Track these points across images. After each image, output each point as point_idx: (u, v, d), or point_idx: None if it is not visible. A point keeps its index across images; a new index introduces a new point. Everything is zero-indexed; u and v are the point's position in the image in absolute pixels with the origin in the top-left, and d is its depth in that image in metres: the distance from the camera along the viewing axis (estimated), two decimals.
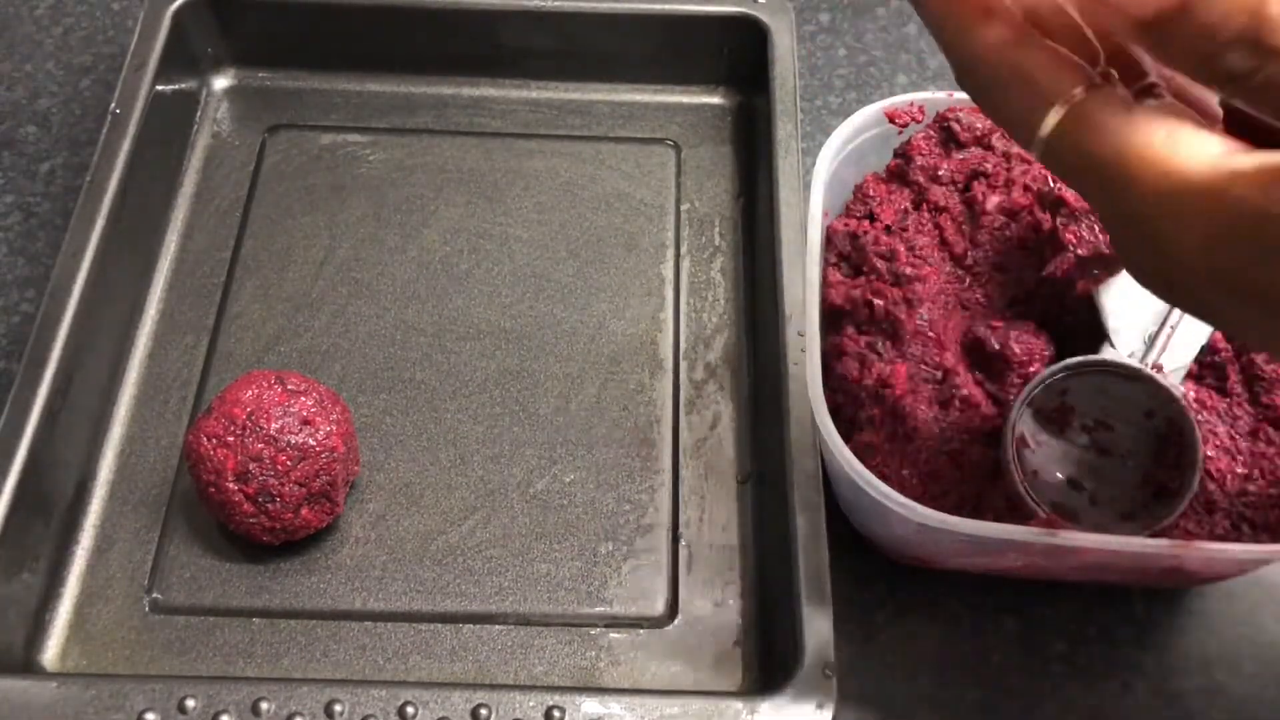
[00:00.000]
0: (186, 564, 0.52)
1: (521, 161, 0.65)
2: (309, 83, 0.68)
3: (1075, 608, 0.52)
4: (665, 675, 0.49)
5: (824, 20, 0.73)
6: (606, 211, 0.64)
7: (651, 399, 0.57)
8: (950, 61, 0.30)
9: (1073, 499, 0.48)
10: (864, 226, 0.54)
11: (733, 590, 0.52)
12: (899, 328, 0.51)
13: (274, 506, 0.49)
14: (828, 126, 0.63)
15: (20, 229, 0.63)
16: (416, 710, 0.44)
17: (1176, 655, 0.51)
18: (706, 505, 0.54)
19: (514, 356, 0.58)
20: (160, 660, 0.49)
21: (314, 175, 0.64)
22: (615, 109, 0.68)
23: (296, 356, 0.58)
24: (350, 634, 0.50)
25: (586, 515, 0.54)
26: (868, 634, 0.51)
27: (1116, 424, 0.48)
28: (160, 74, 0.61)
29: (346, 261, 0.61)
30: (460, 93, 0.68)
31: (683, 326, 0.59)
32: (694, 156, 0.66)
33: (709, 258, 0.62)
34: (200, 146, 0.65)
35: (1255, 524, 0.48)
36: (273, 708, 0.44)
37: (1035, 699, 0.50)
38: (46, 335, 0.52)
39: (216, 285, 0.60)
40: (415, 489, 0.54)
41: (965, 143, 0.54)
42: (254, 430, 0.49)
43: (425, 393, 0.57)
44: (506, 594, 0.51)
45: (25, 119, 0.67)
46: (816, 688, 0.44)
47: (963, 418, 0.50)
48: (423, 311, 0.60)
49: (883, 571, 0.52)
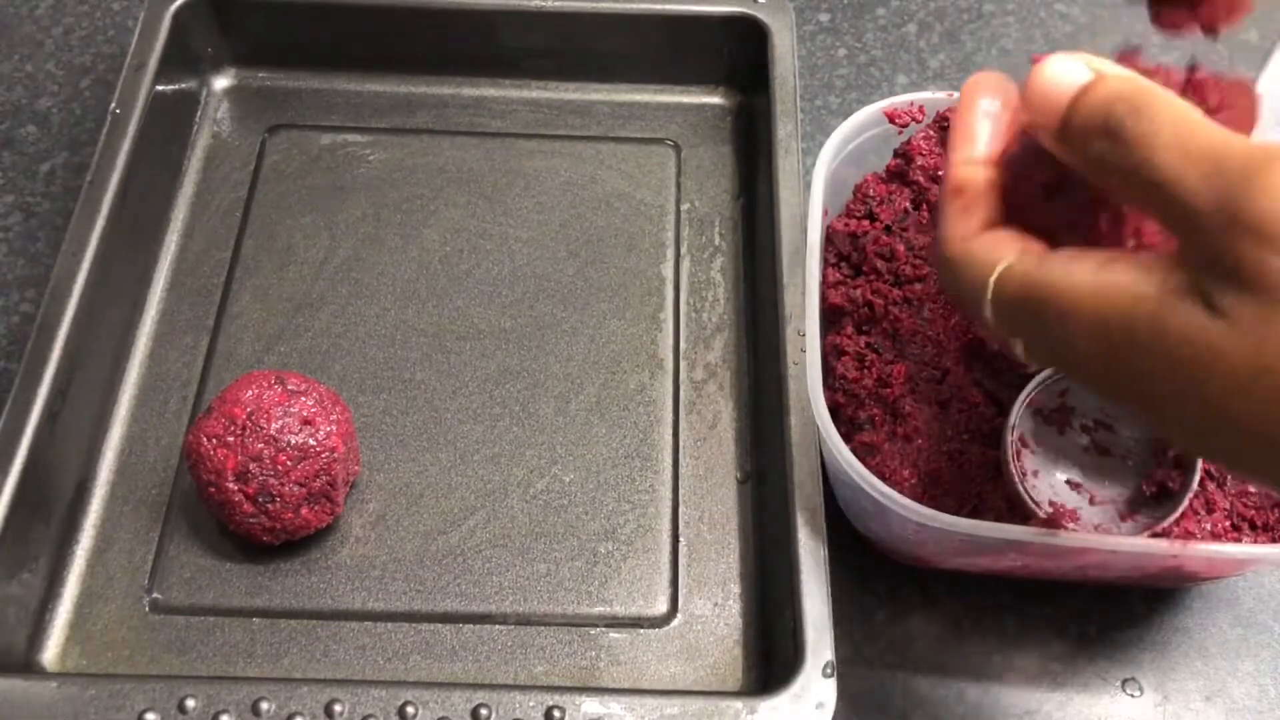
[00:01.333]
0: (186, 564, 0.52)
1: (521, 161, 0.65)
2: (309, 83, 0.68)
3: (1075, 608, 0.52)
4: (665, 675, 0.49)
5: (824, 20, 0.73)
6: (606, 211, 0.64)
7: (651, 399, 0.57)
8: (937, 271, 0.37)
9: (1073, 499, 0.48)
10: (864, 226, 0.54)
11: (733, 590, 0.52)
12: (899, 328, 0.51)
13: (274, 506, 0.49)
14: (828, 126, 0.63)
15: (20, 229, 0.63)
16: (416, 710, 0.44)
17: (1176, 655, 0.51)
18: (706, 505, 0.54)
19: (514, 356, 0.58)
20: (160, 660, 0.49)
21: (314, 175, 0.64)
22: (615, 109, 0.68)
23: (296, 356, 0.58)
24: (350, 634, 0.50)
25: (586, 515, 0.54)
26: (868, 634, 0.51)
27: (1116, 424, 0.48)
28: (160, 74, 0.61)
29: (346, 261, 0.61)
30: (460, 93, 0.68)
31: (682, 326, 0.59)
32: (694, 156, 0.66)
33: (709, 258, 0.62)
34: (200, 146, 0.65)
35: (1255, 524, 0.48)
36: (273, 708, 0.44)
37: (1035, 699, 0.50)
38: (46, 335, 0.52)
39: (216, 285, 0.60)
40: (415, 489, 0.54)
41: None
42: (254, 430, 0.49)
43: (425, 393, 0.57)
44: (506, 594, 0.51)
45: (25, 119, 0.67)
46: (816, 688, 0.44)
47: (963, 418, 0.50)
48: (423, 311, 0.60)
49: (883, 571, 0.52)
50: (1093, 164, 0.30)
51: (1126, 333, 0.29)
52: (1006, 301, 0.32)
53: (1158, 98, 0.29)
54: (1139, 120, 0.28)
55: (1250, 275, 0.26)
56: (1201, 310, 0.27)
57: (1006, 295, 0.32)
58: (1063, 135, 0.30)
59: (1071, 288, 0.30)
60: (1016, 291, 0.31)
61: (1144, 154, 0.28)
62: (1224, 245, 0.27)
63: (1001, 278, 0.32)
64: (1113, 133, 0.28)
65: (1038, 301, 0.31)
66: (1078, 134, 0.30)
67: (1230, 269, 0.27)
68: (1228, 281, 0.27)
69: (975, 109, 0.34)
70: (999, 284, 0.32)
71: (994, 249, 0.32)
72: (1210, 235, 0.27)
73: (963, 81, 0.35)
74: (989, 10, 0.74)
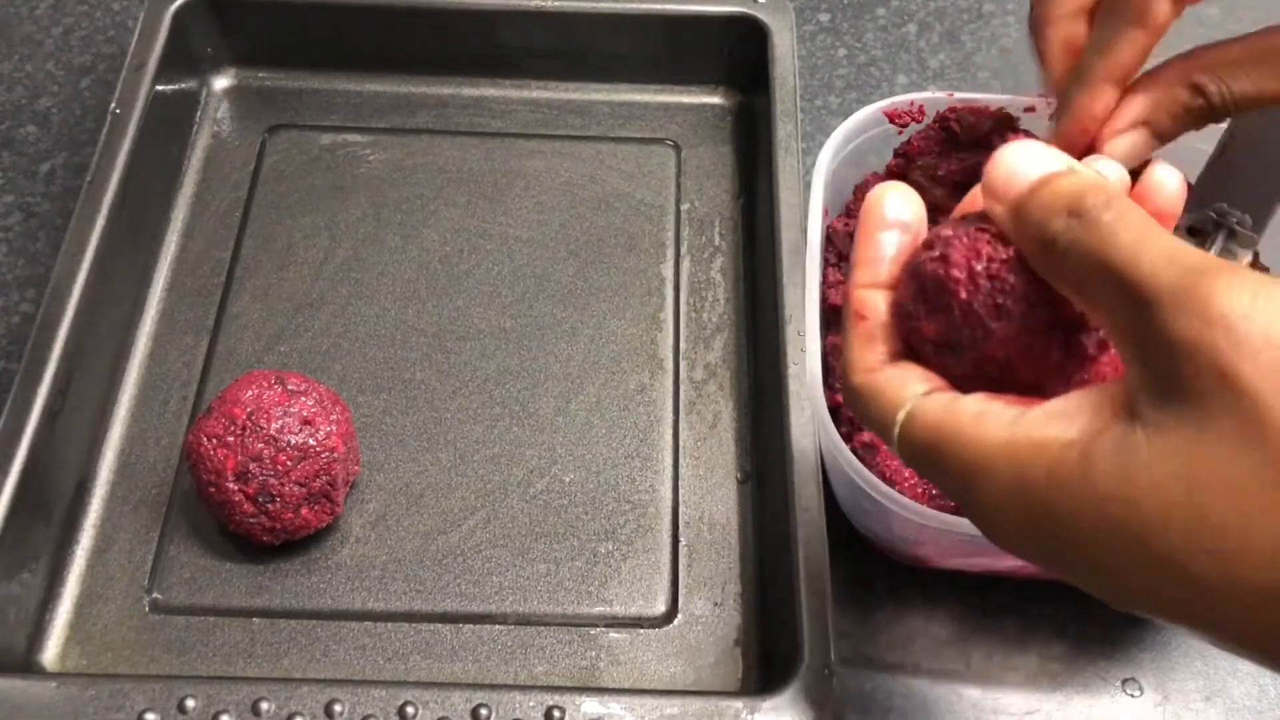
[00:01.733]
0: (186, 564, 0.52)
1: (521, 161, 0.65)
2: (309, 83, 0.68)
3: (1075, 608, 0.52)
4: (665, 675, 0.49)
5: (824, 20, 0.73)
6: (606, 211, 0.64)
7: (651, 399, 0.57)
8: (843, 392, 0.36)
9: None
10: None
11: (733, 590, 0.52)
12: None
13: (274, 506, 0.49)
14: (828, 126, 0.63)
15: (20, 229, 0.63)
16: (416, 710, 0.44)
17: (1176, 655, 0.51)
18: (706, 505, 0.54)
19: (514, 356, 0.58)
20: (160, 660, 0.49)
21: (314, 175, 0.64)
22: (615, 109, 0.68)
23: (296, 356, 0.58)
24: (350, 634, 0.50)
25: (586, 515, 0.54)
26: (868, 634, 0.51)
27: None
28: (160, 74, 0.61)
29: (346, 261, 0.61)
30: (460, 93, 0.68)
31: (683, 326, 0.59)
32: (694, 156, 0.66)
33: (709, 258, 0.62)
34: (200, 146, 0.65)
35: None
36: (273, 708, 0.44)
37: (1035, 699, 0.50)
38: (46, 335, 0.52)
39: (216, 285, 0.60)
40: (415, 489, 0.54)
41: (965, 143, 0.54)
42: (254, 430, 0.49)
43: (425, 393, 0.57)
44: (506, 594, 0.51)
45: (25, 119, 0.67)
46: (816, 688, 0.44)
47: None
48: (423, 311, 0.60)
49: (883, 571, 0.52)
50: (1044, 244, 0.28)
51: (1050, 488, 0.27)
52: (913, 447, 0.30)
53: (1130, 202, 0.28)
54: (1108, 210, 0.27)
55: (1192, 376, 0.25)
56: (1136, 432, 0.26)
57: (914, 441, 0.30)
58: (1022, 209, 0.29)
59: (981, 444, 0.28)
60: (923, 440, 0.30)
61: (1107, 234, 0.27)
62: (1174, 335, 0.25)
63: (907, 420, 0.30)
64: (1078, 214, 0.28)
65: (946, 456, 0.29)
66: (1040, 209, 0.29)
67: (1173, 369, 0.25)
68: (1168, 390, 0.25)
69: (877, 228, 0.32)
70: (905, 427, 0.30)
71: (899, 387, 0.31)
72: (1160, 326, 0.25)
73: (963, 82, 0.35)
74: (989, 10, 0.74)
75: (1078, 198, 0.28)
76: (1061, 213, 0.28)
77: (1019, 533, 0.28)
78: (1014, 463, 0.27)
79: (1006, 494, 0.28)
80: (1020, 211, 0.29)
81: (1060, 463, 0.27)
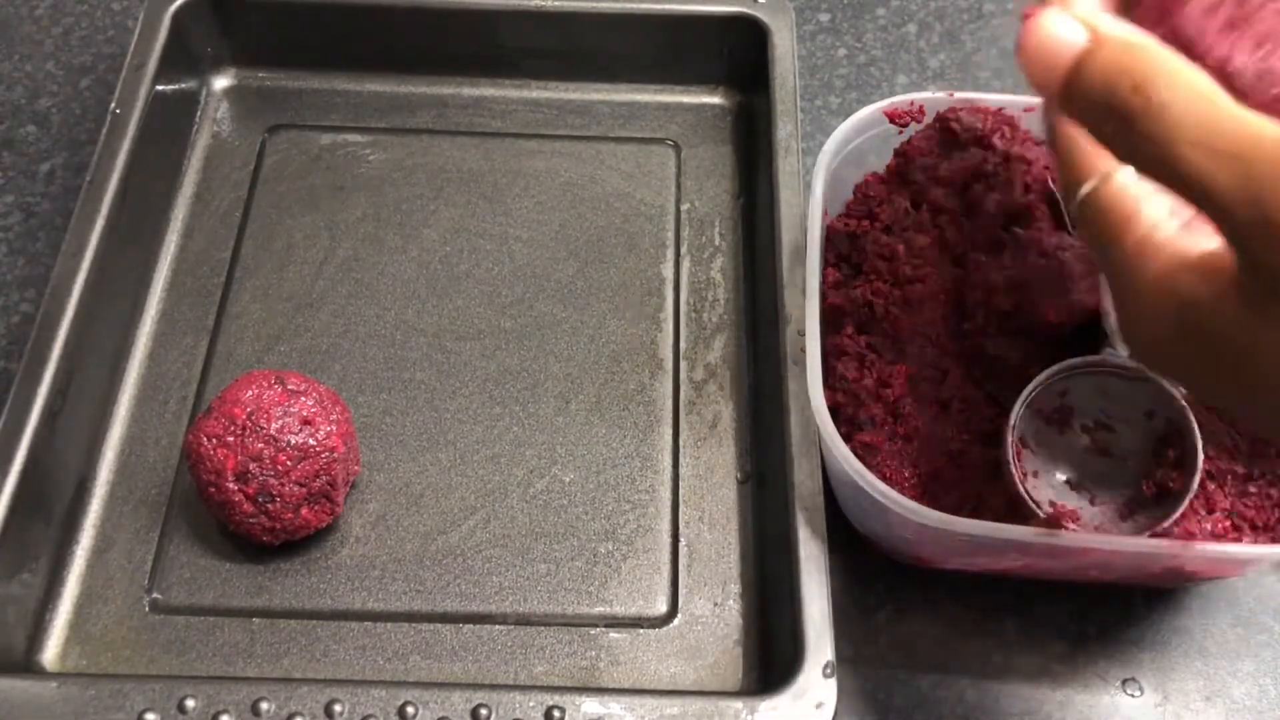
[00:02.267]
0: (186, 564, 0.52)
1: (521, 161, 0.65)
2: (309, 83, 0.68)
3: (1075, 608, 0.52)
4: (665, 675, 0.49)
5: (824, 20, 0.73)
6: (606, 211, 0.64)
7: (651, 399, 0.57)
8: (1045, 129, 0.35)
9: (1073, 499, 0.48)
10: (864, 226, 0.54)
11: (733, 590, 0.52)
12: (899, 328, 0.51)
13: (274, 506, 0.49)
14: (828, 126, 0.63)
15: (20, 229, 0.63)
16: (416, 710, 0.44)
17: (1176, 655, 0.51)
18: (706, 505, 0.54)
19: (514, 356, 0.58)
20: (160, 660, 0.49)
21: (314, 175, 0.64)
22: (615, 109, 0.68)
23: (296, 356, 0.58)
24: (350, 634, 0.50)
25: (586, 515, 0.54)
26: (868, 634, 0.51)
27: (1116, 424, 0.48)
28: (160, 74, 0.61)
29: (346, 261, 0.61)
30: (460, 93, 0.68)
31: (683, 326, 0.59)
32: (694, 156, 0.66)
33: (709, 258, 0.62)
34: (200, 146, 0.65)
35: (1255, 524, 0.48)
36: (273, 708, 0.44)
37: (1035, 699, 0.50)
38: (46, 335, 0.52)
39: (216, 285, 0.60)
40: (415, 489, 0.54)
41: (965, 143, 0.54)
42: (254, 430, 0.49)
43: (425, 393, 0.57)
44: (506, 594, 0.51)
45: (25, 119, 0.67)
46: (816, 688, 0.44)
47: (963, 418, 0.50)
48: (423, 311, 0.60)
49: (883, 571, 0.52)
50: (1114, 147, 0.27)
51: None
52: (1088, 219, 0.30)
53: (1163, 70, 0.25)
54: (1147, 101, 0.25)
55: None
56: (1251, 315, 0.26)
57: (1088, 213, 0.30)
58: (1070, 111, 0.28)
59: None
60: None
61: (1163, 149, 0.25)
62: (1262, 258, 0.25)
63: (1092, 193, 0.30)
64: (1120, 116, 0.26)
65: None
66: (1085, 113, 0.27)
67: (1272, 281, 0.25)
68: (1272, 293, 0.25)
69: None
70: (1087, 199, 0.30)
71: (1093, 159, 0.30)
72: (1248, 243, 0.25)
73: (963, 82, 0.35)
74: (989, 10, 0.74)
75: (1108, 93, 0.26)
76: (1104, 116, 0.26)
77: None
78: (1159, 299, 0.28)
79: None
80: (1070, 114, 0.28)
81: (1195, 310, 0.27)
